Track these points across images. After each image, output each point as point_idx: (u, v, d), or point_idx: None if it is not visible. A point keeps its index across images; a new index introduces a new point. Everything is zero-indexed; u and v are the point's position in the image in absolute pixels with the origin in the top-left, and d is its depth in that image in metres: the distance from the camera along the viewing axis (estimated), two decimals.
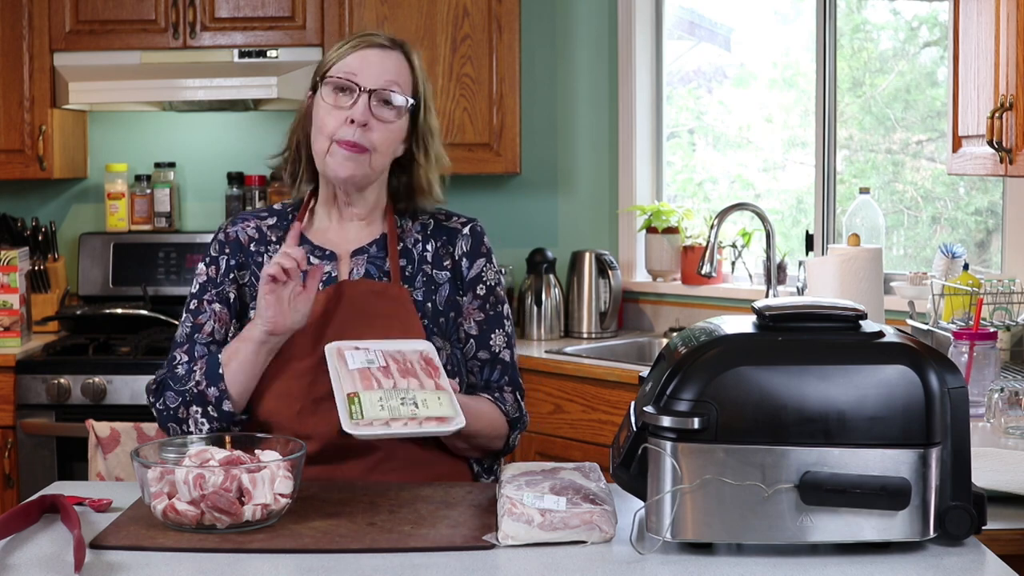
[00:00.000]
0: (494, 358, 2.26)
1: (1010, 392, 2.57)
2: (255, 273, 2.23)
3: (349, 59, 2.18)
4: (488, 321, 2.26)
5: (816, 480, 1.65)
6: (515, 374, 2.30)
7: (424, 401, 1.94)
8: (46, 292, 4.31)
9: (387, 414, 1.90)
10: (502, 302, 2.29)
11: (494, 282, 2.28)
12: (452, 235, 2.28)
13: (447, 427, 1.93)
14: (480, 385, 2.27)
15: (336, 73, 2.17)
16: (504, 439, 2.24)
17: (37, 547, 1.74)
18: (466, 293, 2.25)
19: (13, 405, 3.83)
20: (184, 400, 2.14)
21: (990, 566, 1.65)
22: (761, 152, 4.44)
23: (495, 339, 2.26)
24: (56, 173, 4.22)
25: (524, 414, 2.28)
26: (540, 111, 4.50)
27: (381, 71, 2.17)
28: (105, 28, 4.15)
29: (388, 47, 2.20)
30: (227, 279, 2.24)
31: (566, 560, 1.68)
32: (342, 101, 2.16)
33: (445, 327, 2.23)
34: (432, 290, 2.23)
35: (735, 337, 1.73)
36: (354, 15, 4.14)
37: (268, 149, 4.83)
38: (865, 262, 3.24)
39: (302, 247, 2.16)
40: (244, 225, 2.29)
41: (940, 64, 3.99)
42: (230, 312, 2.23)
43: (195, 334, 2.22)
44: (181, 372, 2.17)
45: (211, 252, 2.28)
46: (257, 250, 2.26)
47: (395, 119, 2.18)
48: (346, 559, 1.68)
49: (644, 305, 4.40)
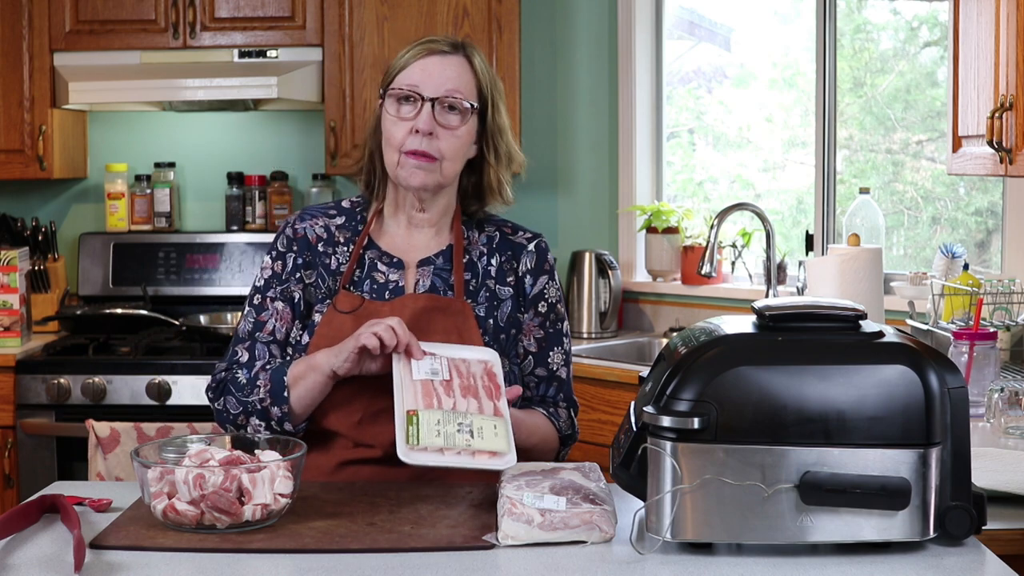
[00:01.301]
0: (551, 375, 2.27)
1: (1010, 392, 2.57)
2: (321, 274, 2.23)
3: (411, 69, 2.17)
4: (548, 339, 2.27)
5: (816, 480, 1.65)
6: (570, 391, 2.31)
7: (480, 429, 1.94)
8: (46, 292, 4.31)
9: (442, 441, 1.90)
10: (562, 320, 2.29)
11: (555, 299, 2.28)
12: (517, 251, 2.27)
13: (498, 463, 1.92)
14: (536, 400, 2.27)
15: (398, 84, 2.17)
16: (555, 453, 2.25)
17: (37, 547, 1.74)
18: (528, 310, 2.26)
19: (13, 405, 3.83)
20: (246, 410, 2.14)
21: (990, 566, 1.65)
22: (761, 152, 4.44)
23: (553, 357, 2.27)
24: (56, 173, 4.22)
25: (576, 431, 2.30)
26: (540, 111, 4.50)
27: (442, 80, 2.16)
28: (105, 28, 4.15)
29: (449, 52, 2.19)
30: (293, 278, 2.23)
31: (566, 560, 1.68)
32: (406, 112, 2.16)
33: (505, 344, 2.22)
34: (495, 306, 2.23)
35: (735, 337, 1.73)
36: (354, 15, 4.14)
37: (268, 149, 4.87)
38: (865, 262, 3.24)
39: (371, 250, 2.20)
40: (312, 222, 2.26)
41: (940, 64, 3.99)
42: (293, 312, 2.22)
43: (257, 332, 2.22)
44: (243, 380, 2.16)
45: (278, 247, 2.26)
46: (325, 250, 2.24)
47: (460, 124, 2.18)
48: (346, 559, 1.68)
49: (644, 305, 4.40)
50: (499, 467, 1.92)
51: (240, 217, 4.49)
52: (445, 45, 2.20)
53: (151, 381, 3.80)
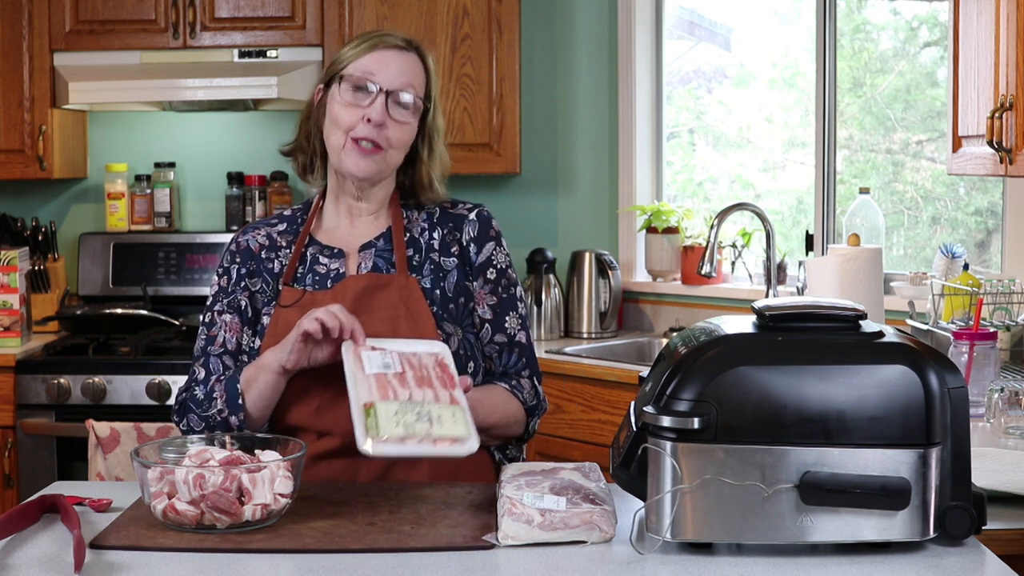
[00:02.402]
0: (511, 341, 2.27)
1: (1010, 392, 2.57)
2: (266, 279, 2.26)
3: (367, 59, 2.21)
4: (502, 304, 2.27)
5: (816, 480, 1.65)
6: (532, 357, 2.31)
7: (439, 417, 1.93)
8: (46, 292, 4.31)
9: (402, 431, 1.89)
10: (514, 284, 2.30)
11: (505, 265, 2.29)
12: (458, 221, 2.29)
13: (460, 449, 1.91)
14: (498, 372, 2.28)
15: (354, 72, 2.20)
16: (523, 425, 2.26)
17: (37, 547, 1.74)
18: (476, 278, 2.26)
19: (13, 405, 3.83)
20: (208, 425, 2.16)
21: (990, 566, 1.65)
22: (761, 152, 4.44)
23: (510, 321, 2.28)
24: (56, 173, 4.22)
25: (542, 400, 2.30)
26: (540, 111, 4.50)
27: (398, 72, 2.20)
28: (105, 28, 4.15)
29: (404, 48, 2.23)
30: (238, 287, 2.26)
31: (566, 560, 1.68)
32: (359, 100, 2.19)
33: (456, 313, 2.23)
34: (440, 277, 2.24)
35: (735, 337, 1.73)
36: (354, 15, 4.14)
37: (268, 149, 4.84)
38: (865, 262, 3.24)
39: (312, 247, 2.21)
40: (254, 234, 2.31)
41: (940, 64, 3.99)
42: (241, 320, 2.25)
43: (209, 346, 2.25)
44: (200, 395, 2.18)
45: (223, 263, 2.30)
46: (268, 256, 2.28)
47: (410, 119, 2.22)
48: (346, 559, 1.68)
49: (644, 305, 4.40)
50: (461, 453, 1.91)
51: (240, 217, 4.49)
52: (400, 40, 2.24)
53: (151, 381, 3.80)
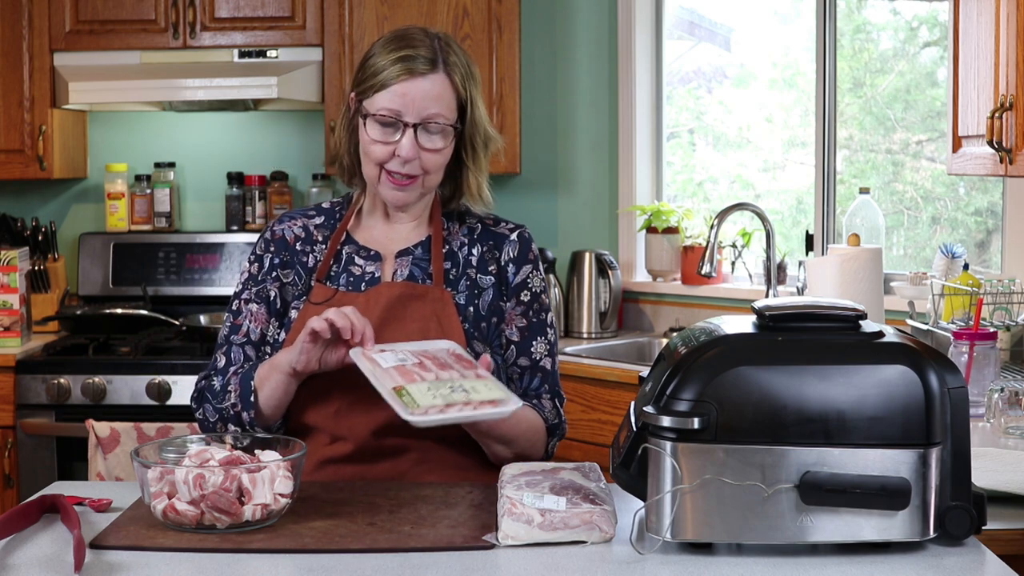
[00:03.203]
0: (534, 365, 2.24)
1: (1010, 392, 2.57)
2: (299, 272, 2.23)
3: (390, 92, 2.12)
4: (531, 328, 2.24)
5: (816, 480, 1.65)
6: (555, 382, 2.28)
7: (473, 387, 1.90)
8: (46, 292, 4.31)
9: (441, 401, 1.86)
10: (546, 310, 2.27)
11: (539, 289, 2.26)
12: (499, 240, 2.25)
13: (503, 408, 1.88)
14: (519, 392, 2.24)
15: (378, 109, 2.12)
16: (543, 446, 2.22)
17: (37, 547, 1.74)
18: (510, 299, 2.23)
19: (13, 405, 3.83)
20: (222, 417, 2.16)
21: (990, 566, 1.65)
22: (761, 152, 4.44)
23: (536, 346, 2.24)
24: (56, 173, 4.22)
25: (563, 421, 2.26)
26: (540, 111, 4.50)
27: (424, 103, 2.12)
28: (105, 28, 4.15)
29: (427, 72, 2.13)
30: (269, 277, 2.23)
31: (566, 560, 1.68)
32: (388, 136, 2.13)
33: (487, 332, 2.21)
34: (475, 294, 2.21)
35: (735, 337, 1.73)
36: (354, 15, 4.14)
37: (268, 149, 4.86)
38: (865, 262, 3.24)
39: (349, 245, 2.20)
40: (291, 224, 2.27)
41: (940, 64, 3.99)
42: (269, 311, 2.22)
43: (232, 335, 2.23)
44: (217, 386, 2.17)
45: (256, 250, 2.27)
46: (303, 249, 2.25)
47: (441, 144, 2.15)
48: (346, 559, 1.68)
49: (644, 305, 4.40)
50: (506, 412, 1.89)
51: (240, 217, 4.49)
52: (424, 64, 2.13)
53: (151, 381, 3.80)
